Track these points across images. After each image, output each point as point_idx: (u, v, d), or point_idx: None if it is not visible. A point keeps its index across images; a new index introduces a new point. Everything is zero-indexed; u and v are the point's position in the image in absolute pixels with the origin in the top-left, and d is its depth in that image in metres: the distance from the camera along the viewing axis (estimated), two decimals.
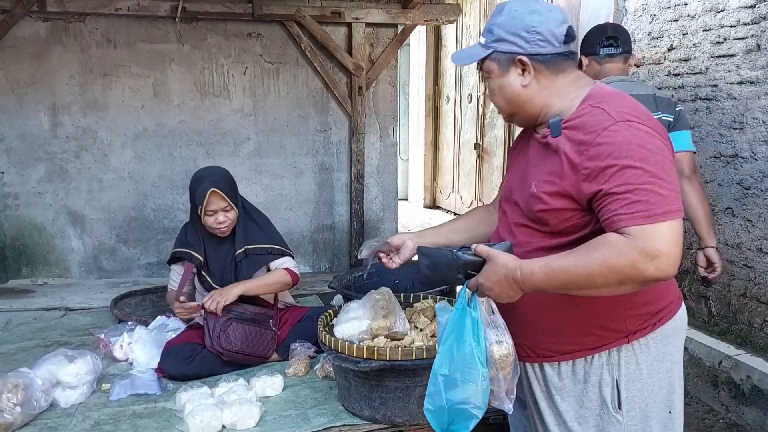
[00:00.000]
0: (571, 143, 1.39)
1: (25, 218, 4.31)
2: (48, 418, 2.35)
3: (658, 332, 1.50)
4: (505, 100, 1.55)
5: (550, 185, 1.42)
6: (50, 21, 4.15)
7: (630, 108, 1.38)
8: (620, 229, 1.28)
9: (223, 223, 2.81)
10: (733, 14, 3.11)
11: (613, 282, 1.28)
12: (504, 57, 1.50)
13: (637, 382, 1.50)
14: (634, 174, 1.29)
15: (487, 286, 1.42)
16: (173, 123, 4.41)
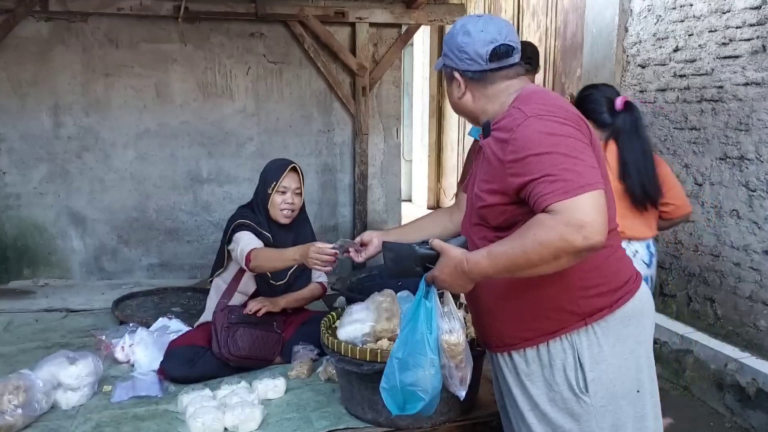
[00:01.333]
0: (496, 142, 1.52)
1: (27, 219, 4.30)
2: (49, 420, 2.34)
3: (617, 314, 1.56)
4: (452, 105, 1.76)
5: (486, 183, 1.56)
6: (52, 21, 4.15)
7: (544, 104, 1.50)
8: (545, 208, 1.37)
9: (291, 206, 2.85)
10: (739, 15, 3.09)
11: (548, 257, 1.36)
12: (446, 70, 1.70)
13: (601, 363, 1.55)
14: (549, 158, 1.40)
15: (441, 278, 1.55)
16: (175, 123, 4.40)
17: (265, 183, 2.87)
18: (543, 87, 1.73)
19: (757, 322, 3.06)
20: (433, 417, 2.25)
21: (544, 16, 5.36)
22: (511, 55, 1.64)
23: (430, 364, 1.61)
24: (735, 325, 3.20)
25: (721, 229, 3.26)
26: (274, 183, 2.82)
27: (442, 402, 2.22)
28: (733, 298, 3.21)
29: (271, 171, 2.88)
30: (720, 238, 3.27)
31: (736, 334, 3.19)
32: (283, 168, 2.84)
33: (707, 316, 3.39)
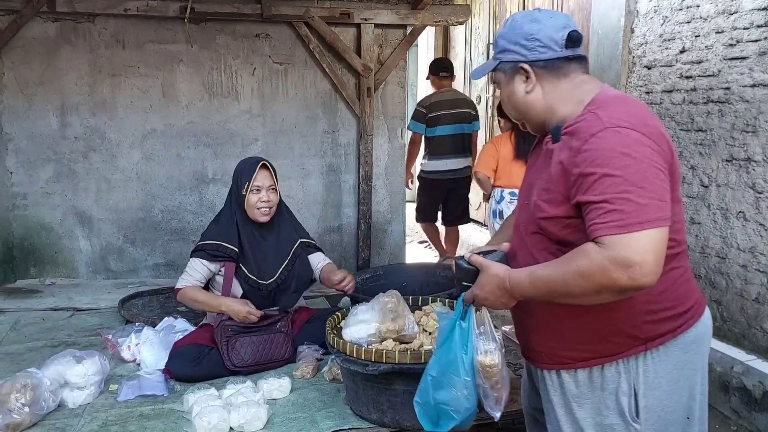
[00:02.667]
0: (566, 149, 1.39)
1: (34, 218, 4.32)
2: (56, 419, 2.35)
3: (680, 340, 1.46)
4: (513, 107, 1.59)
5: (547, 192, 1.44)
6: (59, 21, 4.16)
7: (625, 114, 1.37)
8: (596, 238, 1.28)
9: (267, 203, 2.82)
10: (746, 16, 3.08)
11: (589, 291, 1.29)
12: (508, 66, 1.55)
13: (656, 390, 1.46)
14: (612, 183, 1.28)
15: (481, 296, 1.49)
16: (181, 124, 4.41)
17: (238, 184, 2.86)
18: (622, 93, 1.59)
19: (764, 325, 3.05)
20: None
21: None
22: (581, 44, 1.53)
23: (463, 386, 1.59)
24: (741, 328, 3.19)
25: (727, 231, 3.25)
26: (247, 183, 2.79)
27: None
28: (739, 301, 3.20)
29: (243, 171, 2.85)
30: (726, 241, 3.26)
31: (742, 336, 3.18)
32: (254, 166, 2.81)
33: (714, 319, 3.36)
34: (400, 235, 4.94)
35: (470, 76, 1.75)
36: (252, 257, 2.86)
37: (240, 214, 2.87)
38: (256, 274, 2.85)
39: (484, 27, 6.52)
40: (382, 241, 4.86)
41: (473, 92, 6.83)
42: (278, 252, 2.92)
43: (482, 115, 6.59)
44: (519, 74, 1.53)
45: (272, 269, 2.89)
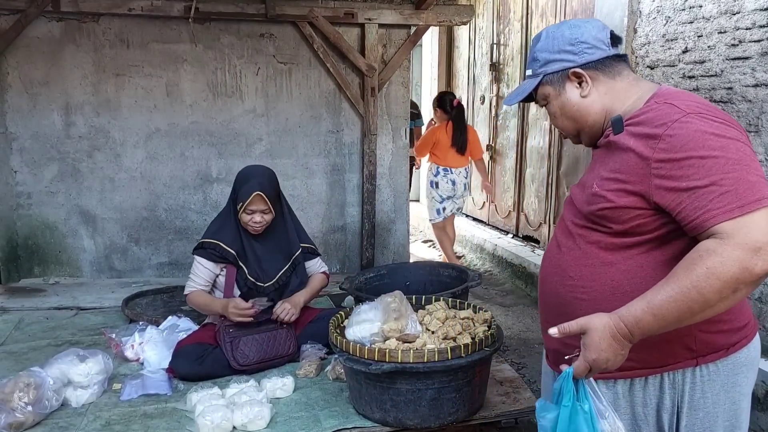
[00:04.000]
0: (638, 138, 1.32)
1: (38, 217, 4.34)
2: (59, 418, 2.36)
3: (731, 359, 1.38)
4: (569, 117, 1.52)
5: (614, 183, 1.35)
6: (64, 21, 4.18)
7: (700, 102, 1.32)
8: (713, 226, 1.19)
9: (258, 223, 2.85)
10: (749, 16, 3.07)
11: (727, 292, 1.17)
12: (556, 77, 1.49)
13: (700, 411, 1.39)
14: (716, 164, 1.20)
15: (602, 359, 1.25)
16: (185, 123, 4.42)
17: (236, 197, 2.89)
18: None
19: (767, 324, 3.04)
20: (441, 417, 2.25)
21: (553, 18, 5.34)
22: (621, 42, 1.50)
23: None
24: None
25: None
26: (242, 203, 2.82)
27: (450, 402, 2.24)
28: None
29: (240, 189, 2.85)
30: None
31: None
32: (248, 193, 2.79)
33: None
34: (404, 234, 4.94)
35: (505, 103, 1.69)
36: (251, 259, 2.88)
37: (235, 221, 2.91)
38: (255, 276, 2.87)
39: (488, 27, 6.51)
40: (386, 240, 4.87)
41: (477, 92, 6.83)
42: (277, 255, 2.94)
43: (485, 114, 6.59)
44: (570, 81, 1.47)
45: (271, 272, 2.91)
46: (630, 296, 1.29)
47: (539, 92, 1.54)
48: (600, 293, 1.39)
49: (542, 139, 5.45)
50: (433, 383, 2.18)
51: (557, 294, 1.50)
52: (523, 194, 5.86)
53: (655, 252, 1.35)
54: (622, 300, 1.30)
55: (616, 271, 1.38)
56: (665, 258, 1.34)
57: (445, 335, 2.31)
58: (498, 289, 5.21)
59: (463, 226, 6.69)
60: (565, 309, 1.45)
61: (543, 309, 1.59)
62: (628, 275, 1.37)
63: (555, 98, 1.51)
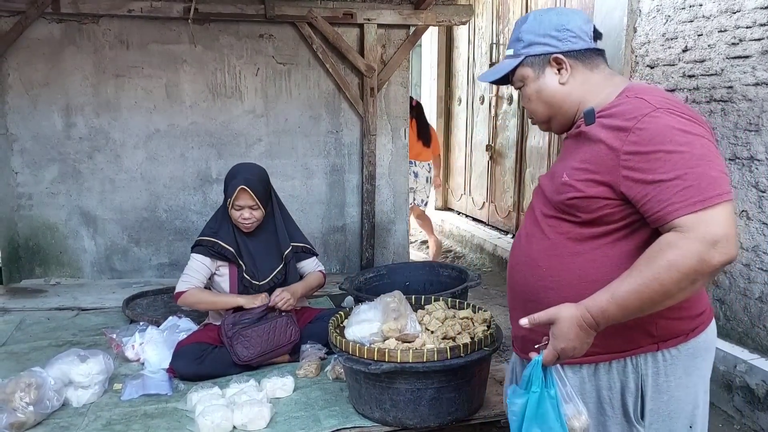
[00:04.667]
0: (608, 130, 1.36)
1: (39, 218, 4.35)
2: (60, 418, 2.37)
3: (691, 344, 1.44)
4: (544, 102, 1.54)
5: (584, 173, 1.39)
6: (64, 22, 4.18)
7: (668, 98, 1.37)
8: (675, 219, 1.24)
9: (248, 220, 2.86)
10: (749, 15, 3.07)
11: (685, 283, 1.23)
12: (538, 60, 1.51)
13: (664, 394, 1.44)
14: (681, 158, 1.26)
15: (569, 347, 1.32)
16: (185, 124, 4.43)
17: (225, 193, 2.92)
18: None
19: (767, 324, 3.04)
20: (440, 417, 2.26)
21: None
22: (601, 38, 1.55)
23: None
24: (745, 327, 3.19)
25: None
26: (230, 199, 2.84)
27: (449, 401, 2.24)
28: (742, 300, 3.19)
29: (228, 185, 2.90)
30: None
31: (745, 335, 3.18)
32: (234, 188, 2.82)
33: (717, 318, 3.38)
34: (404, 234, 4.95)
35: (481, 79, 1.67)
36: (247, 257, 2.89)
37: (228, 219, 2.93)
38: (251, 275, 2.88)
39: (487, 27, 6.51)
40: (385, 240, 4.87)
41: (476, 92, 6.83)
42: (271, 254, 2.95)
43: (485, 114, 6.59)
44: (550, 66, 1.50)
45: (266, 271, 2.92)
46: (596, 284, 1.35)
47: (517, 73, 1.55)
48: (567, 282, 1.44)
49: (542, 139, 5.45)
50: (433, 383, 2.19)
51: (525, 283, 1.55)
52: (523, 194, 5.86)
53: (620, 242, 1.40)
54: (588, 288, 1.36)
55: (584, 261, 1.43)
56: (630, 248, 1.39)
57: (444, 335, 2.31)
58: (498, 289, 5.21)
59: (463, 226, 6.69)
60: (533, 297, 1.51)
61: (511, 297, 1.63)
62: (594, 264, 1.42)
63: (533, 81, 1.53)
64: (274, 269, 2.94)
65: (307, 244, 3.13)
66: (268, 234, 2.96)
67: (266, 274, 2.91)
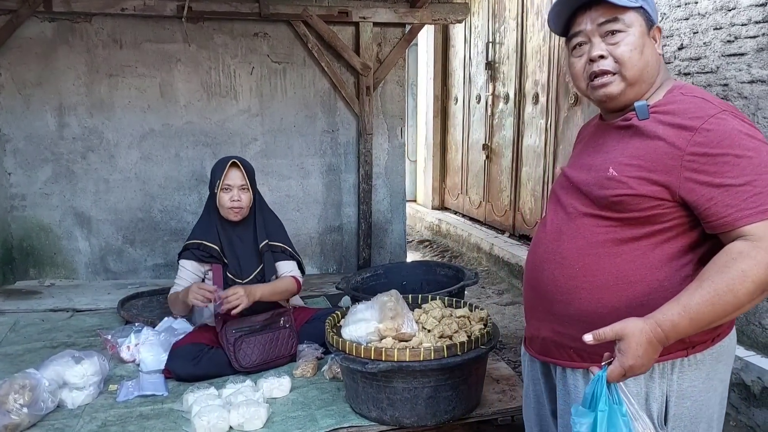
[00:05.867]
0: (668, 127, 1.30)
1: (32, 219, 4.32)
2: (55, 419, 2.35)
3: (715, 348, 1.41)
4: (644, 60, 1.37)
5: (637, 169, 1.32)
6: (56, 21, 4.16)
7: (725, 102, 1.34)
8: (744, 226, 1.21)
9: (238, 202, 2.82)
10: (744, 12, 3.07)
11: (758, 294, 1.20)
12: (647, 20, 1.39)
13: (687, 399, 1.40)
14: (750, 164, 1.22)
15: (638, 364, 1.23)
16: (180, 123, 4.41)
17: (212, 182, 2.89)
18: None
19: (762, 321, 3.05)
20: (437, 415, 2.25)
21: None
22: None
23: None
24: (740, 324, 3.19)
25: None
26: (218, 181, 2.81)
27: (446, 400, 2.23)
28: None
29: (215, 169, 2.88)
30: None
31: (741, 332, 3.18)
32: (224, 164, 2.81)
33: None
34: (401, 234, 4.94)
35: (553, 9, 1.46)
36: (230, 255, 2.88)
37: (216, 213, 2.90)
38: (234, 273, 2.87)
39: (483, 25, 6.51)
40: (382, 240, 4.86)
41: (472, 91, 6.83)
42: (253, 252, 2.93)
43: (481, 114, 6.59)
44: (652, 34, 1.39)
45: (248, 268, 2.90)
46: (633, 287, 1.33)
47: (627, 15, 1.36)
48: (602, 283, 1.38)
49: (538, 138, 5.45)
50: (430, 382, 2.18)
51: (553, 282, 1.47)
52: (519, 193, 5.86)
53: (664, 245, 1.35)
54: (625, 291, 1.33)
55: (622, 262, 1.37)
56: (673, 251, 1.35)
57: (441, 334, 2.30)
58: (494, 287, 5.21)
59: (460, 226, 6.69)
60: (561, 297, 1.44)
61: (532, 296, 1.55)
62: (633, 266, 1.36)
63: (642, 35, 1.37)
64: (256, 268, 2.92)
65: (286, 245, 3.02)
66: (248, 232, 2.94)
67: (249, 272, 2.90)
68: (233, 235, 2.91)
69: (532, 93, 5.56)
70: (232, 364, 2.70)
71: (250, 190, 2.87)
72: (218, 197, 2.82)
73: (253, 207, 2.94)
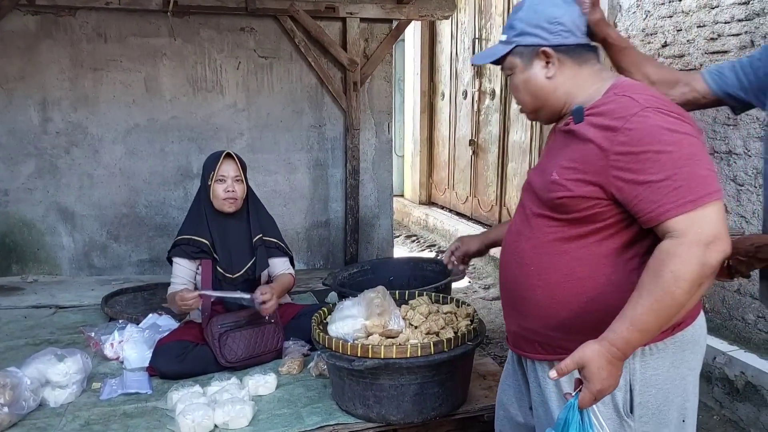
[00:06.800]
0: (597, 129, 1.35)
1: (15, 215, 4.27)
2: (37, 418, 2.32)
3: (678, 337, 1.44)
4: (530, 94, 1.53)
5: (573, 172, 1.38)
6: (40, 15, 4.10)
7: (656, 97, 1.37)
8: (667, 220, 1.25)
9: (233, 192, 2.82)
10: (727, 10, 3.10)
11: (694, 289, 1.24)
12: (527, 50, 1.49)
13: (652, 387, 1.44)
14: (669, 158, 1.26)
15: (605, 386, 1.27)
16: (165, 118, 4.37)
17: (205, 175, 2.88)
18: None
19: (745, 316, 3.08)
20: (424, 412, 2.25)
21: None
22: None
23: None
24: (723, 318, 3.22)
25: None
26: (212, 173, 2.81)
27: (433, 397, 2.24)
28: (721, 292, 3.23)
29: (208, 162, 2.89)
30: None
31: (724, 327, 3.21)
32: (218, 156, 2.84)
33: None
34: (388, 229, 4.94)
35: (473, 62, 1.70)
36: (221, 249, 2.86)
37: (208, 206, 2.88)
38: (224, 267, 2.85)
39: (469, 21, 6.51)
40: (369, 235, 4.86)
41: (459, 87, 6.83)
42: (246, 246, 2.92)
43: (468, 109, 6.59)
44: (539, 58, 1.48)
45: (240, 263, 2.89)
46: (583, 282, 1.41)
47: (507, 61, 1.54)
48: (554, 281, 1.45)
49: (524, 134, 5.47)
50: (416, 378, 2.18)
51: (515, 281, 1.55)
52: (505, 188, 5.88)
53: (608, 240, 1.41)
54: (576, 286, 1.41)
55: (571, 259, 1.44)
56: (617, 245, 1.40)
57: (428, 330, 2.30)
58: (481, 282, 5.23)
59: (446, 221, 6.70)
60: (523, 294, 1.52)
61: (503, 294, 1.65)
62: (581, 263, 1.43)
63: (521, 72, 1.52)
64: (248, 262, 2.91)
65: (280, 241, 3.05)
66: (242, 225, 2.93)
67: (240, 267, 2.88)
68: (226, 227, 2.89)
69: None
70: (218, 359, 2.68)
71: (244, 182, 2.88)
72: (212, 189, 2.82)
73: (246, 200, 2.94)
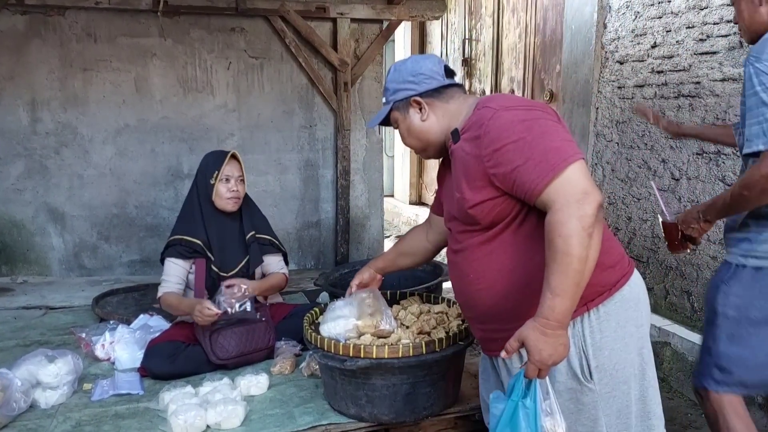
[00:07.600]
0: (468, 141, 1.58)
1: (4, 216, 4.24)
2: (28, 420, 2.31)
3: (616, 297, 1.59)
4: (414, 137, 1.78)
5: (467, 183, 1.58)
6: (29, 14, 4.08)
7: (508, 98, 1.60)
8: (540, 193, 1.43)
9: (236, 192, 2.87)
10: (716, 12, 3.13)
11: (586, 241, 1.37)
12: (402, 104, 1.75)
13: (604, 349, 1.58)
14: (525, 144, 1.46)
15: (545, 356, 1.42)
16: (155, 119, 4.36)
17: (206, 175, 2.88)
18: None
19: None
20: (416, 411, 2.26)
21: (524, 13, 5.38)
22: (455, 75, 1.80)
23: None
24: None
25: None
26: (216, 172, 2.83)
27: (425, 396, 2.25)
28: None
29: (211, 161, 2.90)
30: None
31: None
32: (223, 156, 2.88)
33: (684, 309, 3.45)
34: (379, 230, 4.95)
35: (368, 126, 2.03)
36: (216, 248, 2.86)
37: (206, 204, 2.88)
38: (218, 266, 2.85)
39: (460, 22, 6.53)
40: (360, 236, 4.86)
41: None
42: (240, 244, 2.93)
43: None
44: (412, 107, 1.74)
45: (234, 261, 2.89)
46: (514, 273, 1.58)
47: (391, 117, 1.81)
48: (492, 279, 1.63)
49: None
50: (408, 378, 2.19)
51: (462, 292, 1.76)
52: None
53: (520, 229, 1.59)
54: (510, 276, 1.59)
55: (497, 256, 1.62)
56: (530, 229, 1.57)
57: (419, 330, 2.31)
58: None
59: None
60: (473, 303, 1.71)
61: (461, 308, 1.85)
62: (506, 255, 1.61)
63: (402, 122, 1.78)
64: (242, 259, 2.91)
65: (274, 238, 3.08)
66: (236, 223, 2.94)
67: (234, 265, 2.88)
68: (222, 227, 2.90)
69: (507, 89, 5.60)
70: (209, 357, 2.68)
71: (244, 183, 2.93)
72: (216, 188, 2.84)
73: (244, 200, 2.98)
